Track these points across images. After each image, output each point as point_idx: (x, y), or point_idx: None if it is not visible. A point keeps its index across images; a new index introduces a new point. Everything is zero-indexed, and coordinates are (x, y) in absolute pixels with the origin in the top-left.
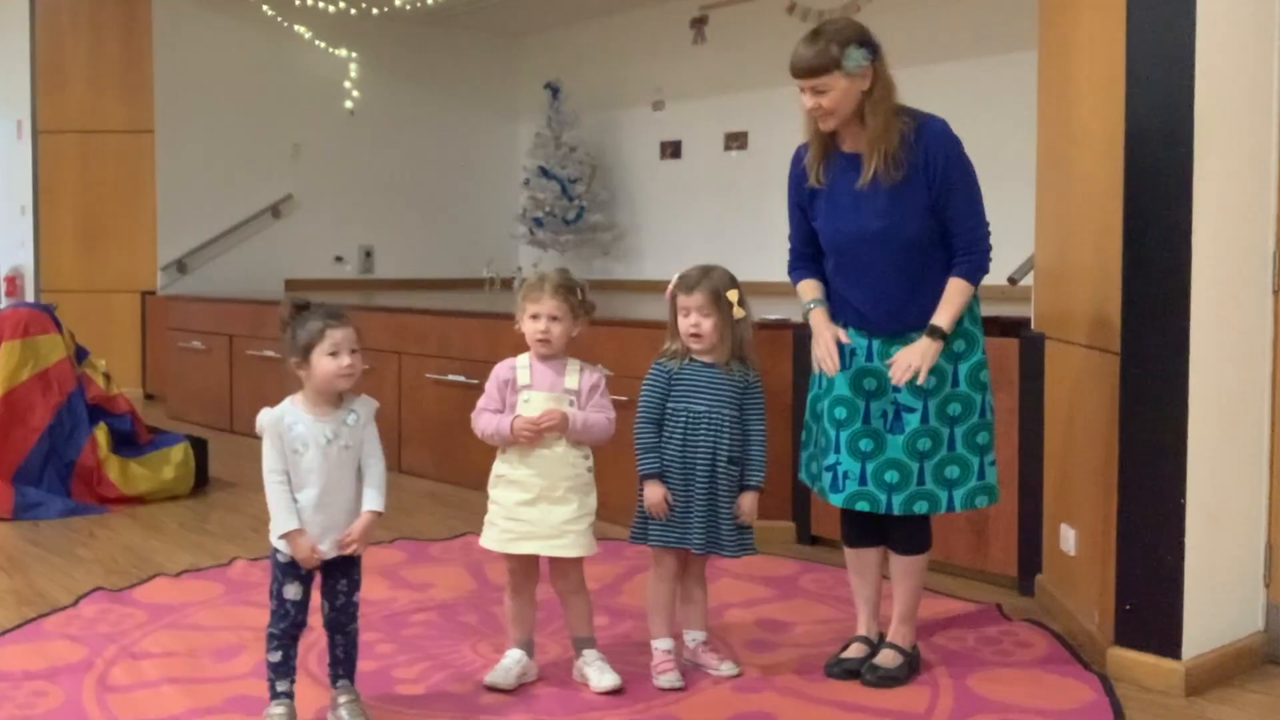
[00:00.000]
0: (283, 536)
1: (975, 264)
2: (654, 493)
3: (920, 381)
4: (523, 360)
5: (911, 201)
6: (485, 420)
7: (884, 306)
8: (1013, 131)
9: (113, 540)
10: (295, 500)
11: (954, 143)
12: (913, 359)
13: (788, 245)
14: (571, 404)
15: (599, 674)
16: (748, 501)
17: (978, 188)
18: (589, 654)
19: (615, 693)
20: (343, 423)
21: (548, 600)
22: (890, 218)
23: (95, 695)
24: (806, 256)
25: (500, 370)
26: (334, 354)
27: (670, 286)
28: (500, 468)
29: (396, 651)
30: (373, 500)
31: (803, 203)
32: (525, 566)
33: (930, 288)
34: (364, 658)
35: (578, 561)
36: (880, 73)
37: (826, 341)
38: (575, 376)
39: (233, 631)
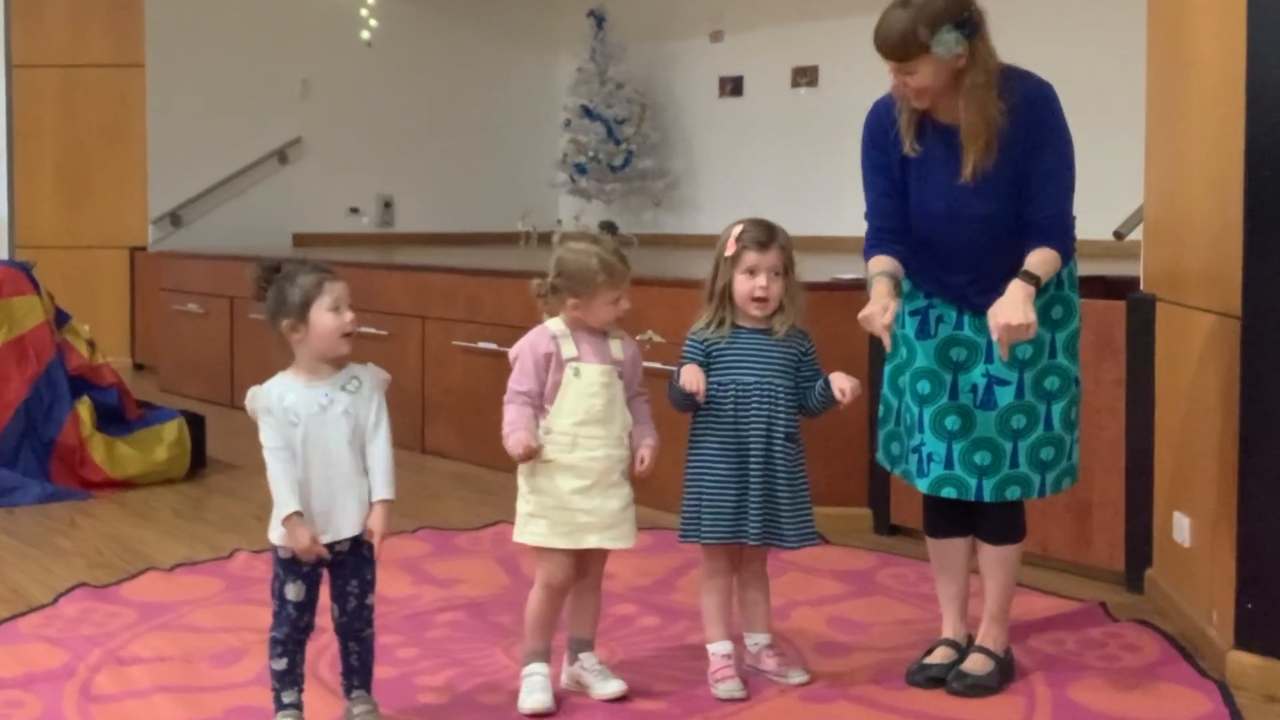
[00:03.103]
0: (283, 522)
1: (1065, 246)
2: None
3: (1029, 336)
4: (559, 327)
5: (1015, 180)
6: (514, 413)
7: (983, 287)
8: (1118, 69)
9: (97, 530)
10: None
11: (1055, 113)
12: (1012, 314)
13: (865, 218)
14: (621, 376)
15: (603, 681)
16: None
17: (1072, 168)
18: (588, 659)
19: (621, 699)
20: (340, 388)
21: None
22: (994, 200)
23: (78, 705)
24: (888, 233)
25: (538, 342)
26: (335, 309)
27: (731, 240)
28: (545, 451)
29: (419, 656)
30: (382, 489)
31: (887, 166)
32: (580, 564)
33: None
34: (382, 663)
35: (604, 554)
36: (979, 52)
37: (884, 304)
38: (619, 345)
39: (234, 633)
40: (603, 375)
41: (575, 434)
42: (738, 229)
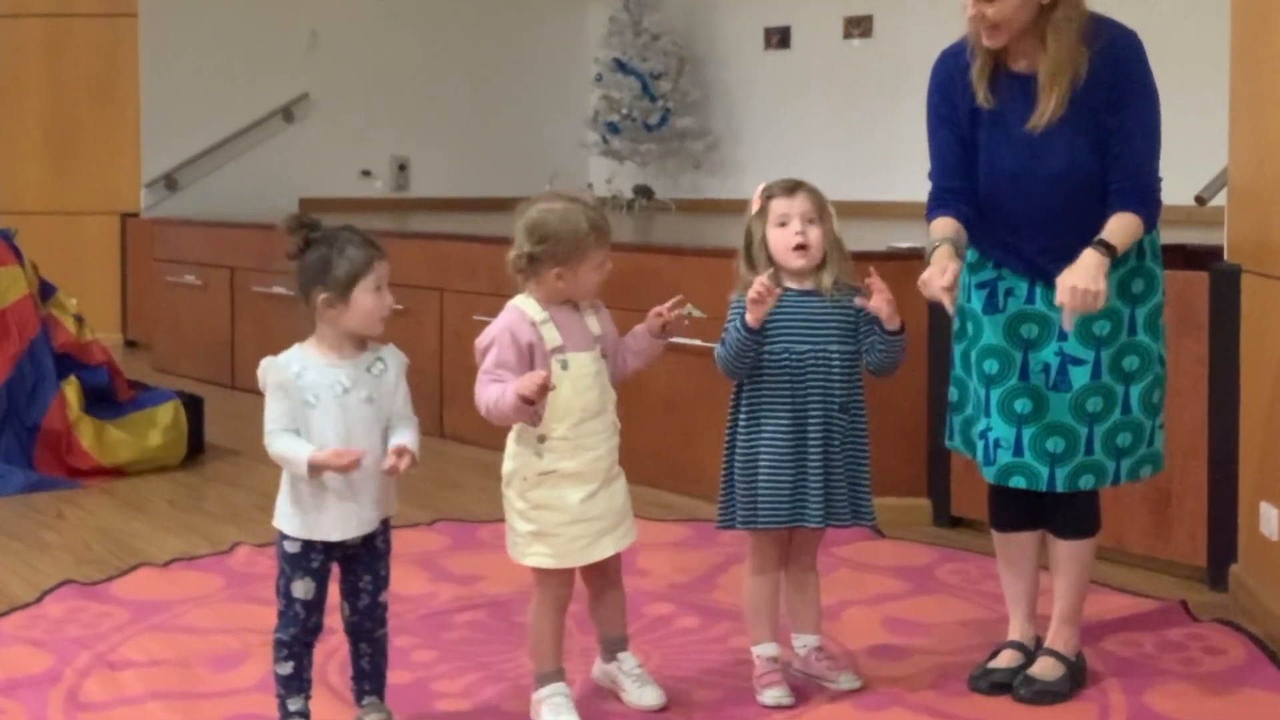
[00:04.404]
0: (310, 466)
1: (1148, 211)
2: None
3: (1097, 306)
4: (535, 310)
5: (1094, 136)
6: (492, 392)
7: (1057, 255)
8: (1201, 21)
9: (86, 522)
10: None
11: (1143, 67)
12: (1079, 278)
13: (929, 178)
14: (604, 355)
15: (639, 688)
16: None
17: (1158, 127)
18: (627, 659)
19: (660, 710)
20: (365, 370)
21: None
22: (1071, 156)
23: (64, 713)
24: (953, 193)
25: (517, 328)
26: (377, 289)
27: (755, 196)
28: (544, 461)
29: (437, 660)
30: (406, 437)
31: (954, 119)
32: (593, 568)
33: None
34: (396, 667)
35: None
36: None
37: (943, 265)
38: (594, 319)
39: (234, 635)
40: (593, 363)
41: (576, 437)
42: (760, 188)
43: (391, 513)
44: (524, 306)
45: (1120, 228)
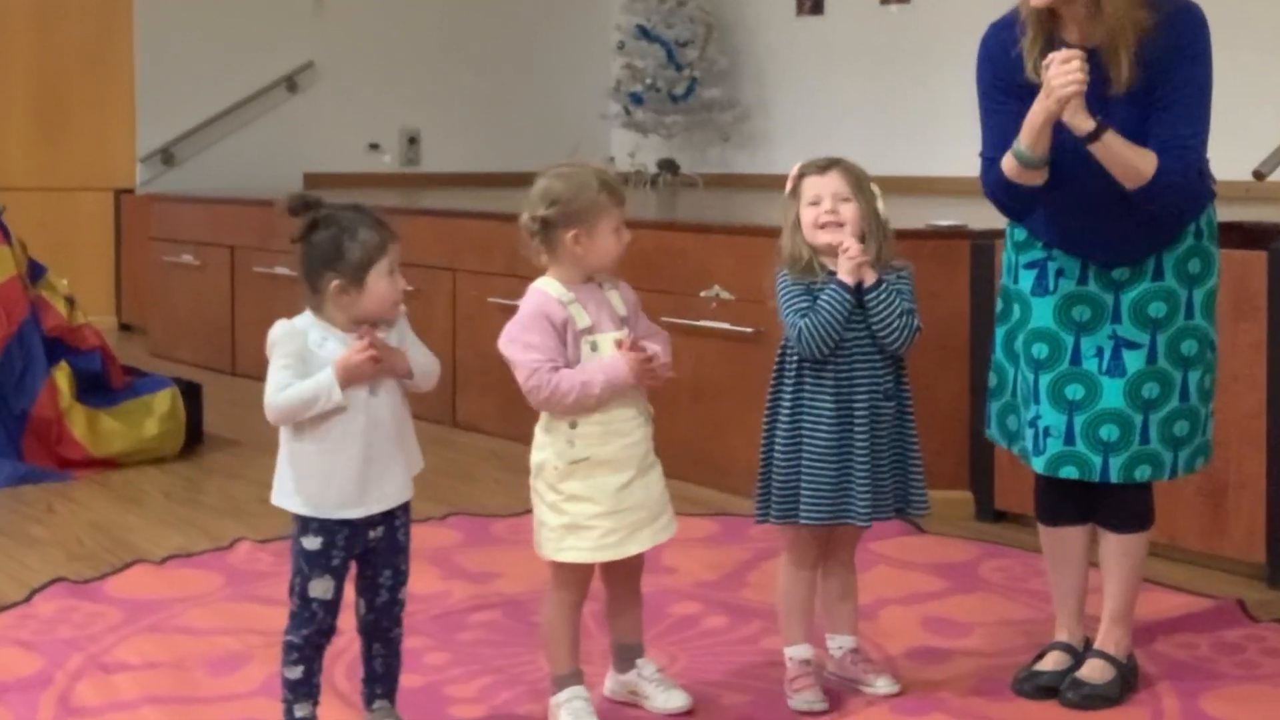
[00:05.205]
0: (341, 377)
1: (1168, 168)
2: None
3: (1073, 78)
4: (559, 290)
5: (1150, 109)
6: (568, 380)
7: (1111, 235)
8: None
9: (77, 516)
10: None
11: (1203, 39)
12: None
13: (980, 156)
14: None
15: (664, 691)
16: None
17: (1207, 102)
18: (646, 666)
19: (687, 714)
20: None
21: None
22: (1129, 133)
23: (55, 718)
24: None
25: (548, 308)
26: (391, 273)
27: (791, 175)
28: (576, 449)
29: (451, 663)
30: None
31: (1006, 95)
32: (616, 565)
33: (1172, 216)
34: (407, 670)
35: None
36: None
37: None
38: (617, 296)
39: (235, 636)
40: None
41: (607, 422)
42: (795, 167)
43: (409, 494)
44: (547, 288)
45: (1130, 144)
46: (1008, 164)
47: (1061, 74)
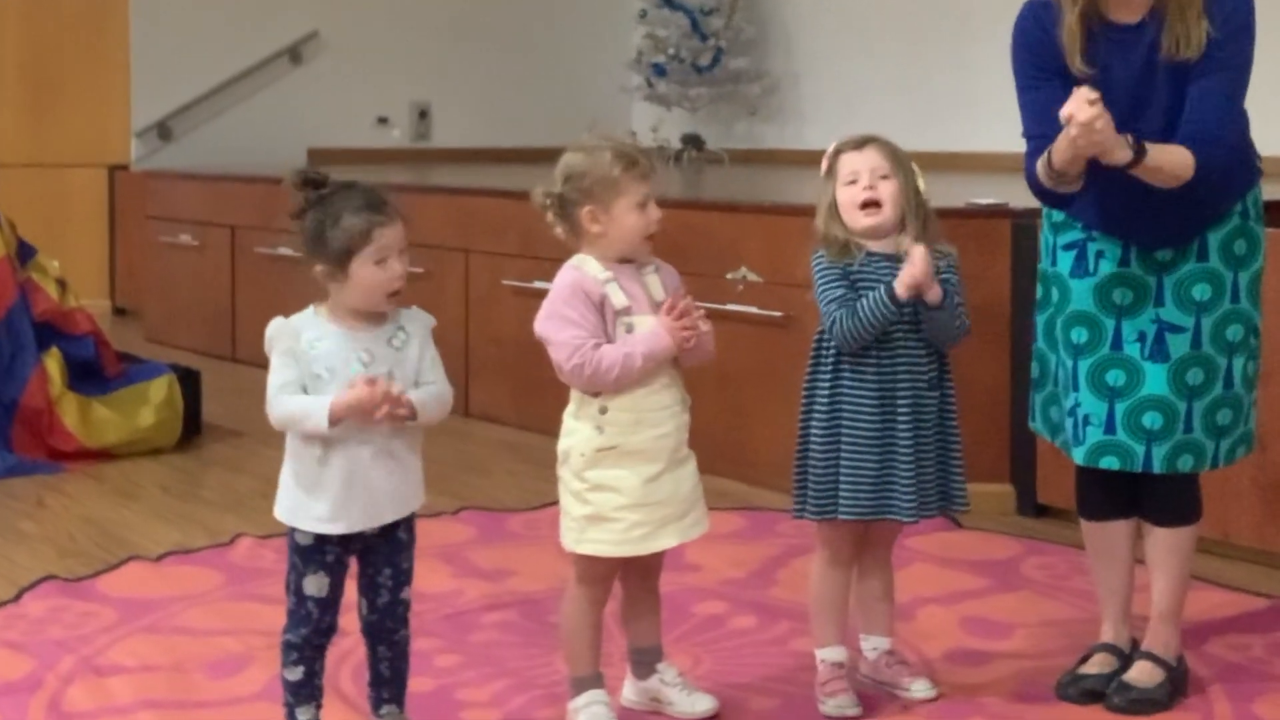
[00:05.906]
0: (335, 414)
1: (1204, 156)
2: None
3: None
4: (596, 269)
5: None
6: (609, 356)
7: (1154, 215)
8: None
9: (70, 510)
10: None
11: (1252, 12)
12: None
13: (1023, 136)
14: None
15: (688, 695)
16: None
17: (1247, 79)
18: (668, 671)
19: (713, 719)
20: (386, 343)
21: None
22: (1169, 116)
23: None
24: (1050, 140)
25: (586, 284)
26: (381, 261)
27: (827, 154)
28: (604, 437)
29: (462, 665)
30: (413, 393)
31: (1046, 73)
32: (638, 562)
33: (1219, 198)
34: (417, 673)
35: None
36: None
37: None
38: (656, 281)
39: (235, 637)
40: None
41: (638, 410)
42: (831, 144)
43: (416, 505)
44: (584, 266)
45: (1164, 149)
46: (1042, 170)
47: (1085, 134)
